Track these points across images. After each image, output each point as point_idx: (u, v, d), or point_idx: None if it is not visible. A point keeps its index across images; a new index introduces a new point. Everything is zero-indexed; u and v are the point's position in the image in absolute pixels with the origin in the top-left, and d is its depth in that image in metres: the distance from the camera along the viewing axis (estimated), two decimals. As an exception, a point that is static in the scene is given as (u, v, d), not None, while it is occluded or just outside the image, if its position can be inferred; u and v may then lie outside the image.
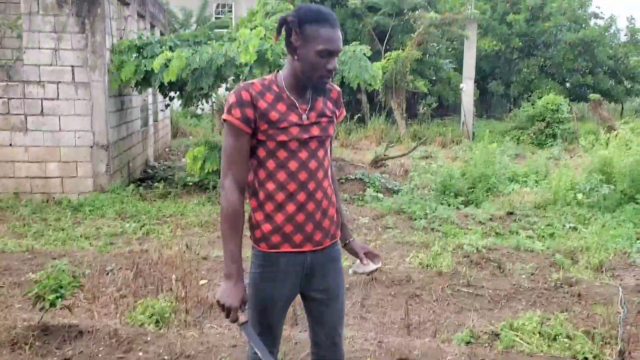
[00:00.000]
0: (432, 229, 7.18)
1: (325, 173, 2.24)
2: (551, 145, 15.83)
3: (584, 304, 4.78)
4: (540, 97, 18.44)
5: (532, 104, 18.20)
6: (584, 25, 24.73)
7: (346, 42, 20.30)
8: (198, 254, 5.68)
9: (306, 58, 2.10)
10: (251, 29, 8.41)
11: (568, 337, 4.09)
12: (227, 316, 2.12)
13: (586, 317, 4.54)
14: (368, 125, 18.61)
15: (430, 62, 21.52)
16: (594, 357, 3.83)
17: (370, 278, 5.05)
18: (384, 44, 20.22)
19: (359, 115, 18.67)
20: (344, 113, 2.44)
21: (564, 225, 7.42)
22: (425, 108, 20.81)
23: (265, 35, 7.95)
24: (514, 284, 5.11)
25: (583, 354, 3.85)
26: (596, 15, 25.62)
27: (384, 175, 10.31)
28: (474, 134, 18.14)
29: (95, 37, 8.38)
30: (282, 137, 2.14)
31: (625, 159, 8.38)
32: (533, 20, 23.70)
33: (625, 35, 26.06)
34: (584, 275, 5.47)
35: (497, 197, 9.10)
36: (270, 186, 2.17)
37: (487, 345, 3.94)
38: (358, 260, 2.45)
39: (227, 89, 9.01)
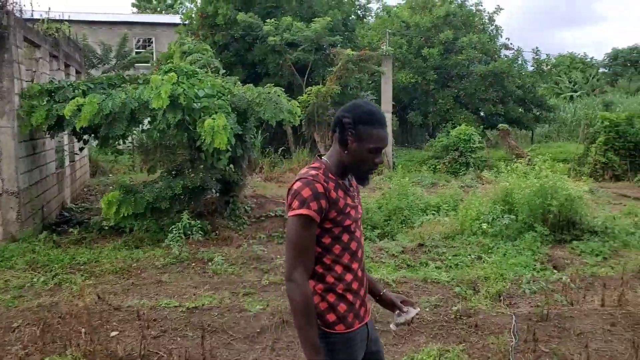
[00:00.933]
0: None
1: (363, 249, 2.44)
2: (464, 173, 16.66)
3: (480, 334, 5.13)
4: (455, 127, 19.42)
5: (447, 134, 19.12)
6: (494, 57, 26.35)
7: (267, 75, 20.80)
8: (110, 305, 5.66)
9: (357, 154, 2.30)
10: (165, 72, 8.51)
11: (463, 368, 4.40)
12: None
13: (482, 347, 4.88)
14: (293, 157, 18.93)
15: (352, 94, 22.18)
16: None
17: (283, 320, 5.21)
18: (305, 78, 20.72)
19: (283, 147, 18.95)
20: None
21: (470, 255, 7.87)
22: (348, 139, 21.33)
23: (178, 79, 8.07)
24: (417, 318, 5.40)
25: (474, 384, 4.17)
26: (506, 47, 27.40)
27: (303, 210, 10.54)
28: (394, 163, 18.82)
29: (2, 82, 8.21)
30: (347, 222, 2.31)
31: (523, 190, 9.01)
32: (447, 54, 25.05)
33: (532, 66, 27.98)
34: (483, 305, 5.84)
35: (411, 229, 9.51)
36: (338, 269, 2.31)
37: (386, 382, 4.16)
38: (396, 313, 2.59)
39: (143, 131, 8.99)
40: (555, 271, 7.17)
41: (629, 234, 9.27)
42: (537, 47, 29.99)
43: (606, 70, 43.02)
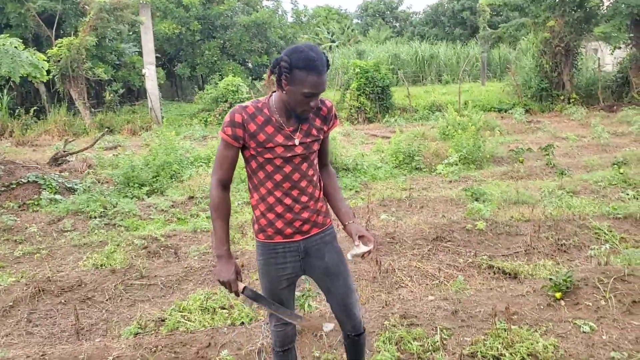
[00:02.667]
0: (114, 225, 7.18)
1: (309, 181, 2.64)
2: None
3: (246, 272, 5.42)
4: (222, 79, 19.53)
5: (215, 86, 19.17)
6: (256, 7, 26.82)
7: (9, 27, 18.36)
8: None
9: (292, 96, 2.43)
10: None
11: (230, 307, 4.64)
12: (230, 290, 2.56)
13: (247, 284, 5.16)
14: (49, 118, 17.24)
15: (111, 46, 20.81)
16: (250, 320, 4.43)
17: (39, 289, 4.89)
18: (54, 30, 18.78)
19: (36, 108, 17.12)
20: (337, 123, 2.79)
21: (239, 201, 8.18)
22: (111, 95, 20.13)
23: None
24: (186, 267, 5.52)
25: (241, 319, 4.44)
26: (266, -2, 28.04)
27: (63, 174, 9.78)
28: (163, 118, 18.32)
29: None
30: (268, 155, 2.53)
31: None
32: (209, 3, 24.74)
33: (291, 16, 29.18)
34: (250, 246, 6.16)
35: (181, 183, 9.49)
36: (262, 191, 2.61)
37: (153, 332, 4.22)
38: (354, 245, 2.66)
39: None
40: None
41: (376, 169, 10.51)
42: (295, -1, 31.32)
43: (359, 21, 46.83)
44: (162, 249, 6.13)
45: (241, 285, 2.59)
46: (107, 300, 4.88)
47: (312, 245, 2.72)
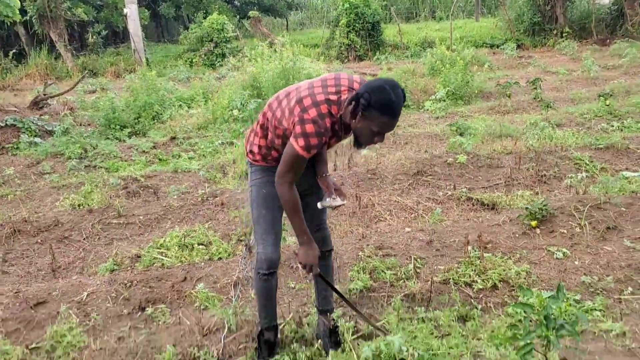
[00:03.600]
0: (94, 167, 7.10)
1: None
2: (220, 65, 16.64)
3: (226, 211, 5.41)
4: (206, 17, 18.97)
5: (199, 25, 18.66)
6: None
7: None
8: None
9: (361, 130, 2.47)
10: None
11: (209, 243, 4.64)
12: (309, 272, 2.76)
13: (227, 222, 5.16)
14: (30, 61, 16.83)
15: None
16: (228, 255, 4.44)
17: (15, 230, 4.86)
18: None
19: (14, 51, 16.69)
20: None
21: (221, 142, 8.09)
22: (94, 37, 19.62)
23: None
24: (165, 206, 5.48)
25: (218, 254, 4.44)
26: None
27: (43, 117, 9.61)
28: (147, 60, 17.93)
29: None
30: None
31: (267, 74, 9.37)
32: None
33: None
34: (230, 185, 6.13)
35: (163, 124, 9.36)
36: (274, 153, 2.76)
37: (129, 268, 4.23)
38: (328, 196, 2.80)
39: None
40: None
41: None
42: None
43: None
44: (141, 189, 6.09)
45: (318, 270, 2.78)
46: (84, 239, 4.86)
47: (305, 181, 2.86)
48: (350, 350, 2.82)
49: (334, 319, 3.08)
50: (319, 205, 2.84)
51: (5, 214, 5.32)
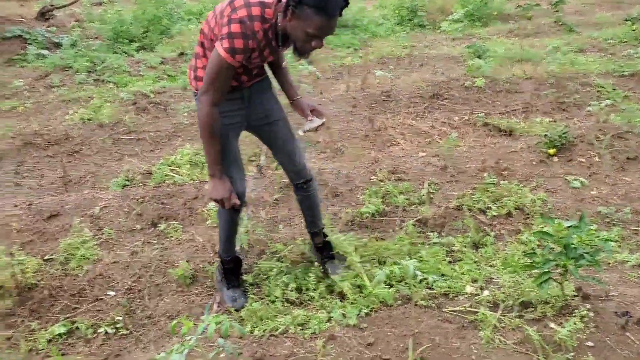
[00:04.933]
0: (102, 81, 6.96)
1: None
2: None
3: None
4: None
5: None
6: None
7: None
8: None
9: (295, 32, 2.22)
10: None
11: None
12: (224, 206, 2.50)
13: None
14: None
15: None
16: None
17: (26, 142, 4.83)
18: None
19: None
20: None
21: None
22: (99, -55, 18.77)
23: None
24: (175, 123, 5.41)
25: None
26: None
27: (50, 28, 9.35)
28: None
29: None
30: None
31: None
32: None
33: None
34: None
35: (171, 39, 9.10)
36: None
37: (141, 184, 4.21)
38: (306, 120, 2.63)
39: None
40: (308, 67, 7.53)
41: (377, 25, 10.03)
42: None
43: None
44: (151, 105, 5.99)
45: (237, 201, 2.52)
46: (95, 153, 4.83)
47: (253, 92, 2.62)
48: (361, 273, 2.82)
49: (324, 234, 3.04)
50: (300, 132, 2.68)
51: (16, 126, 5.26)
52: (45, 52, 8.06)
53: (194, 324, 2.19)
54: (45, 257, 3.23)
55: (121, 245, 3.39)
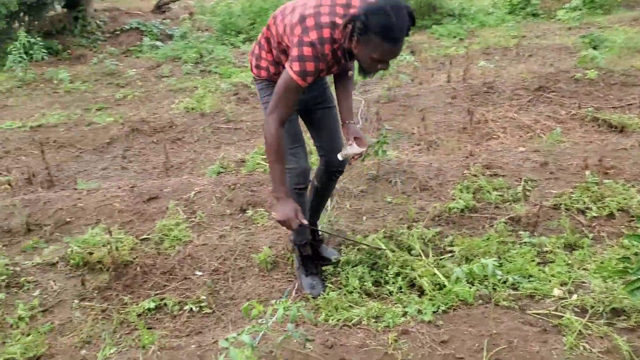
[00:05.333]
0: (209, 72, 7.28)
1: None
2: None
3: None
4: None
5: None
6: None
7: None
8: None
9: (361, 57, 2.24)
10: None
11: (310, 153, 4.64)
12: (290, 228, 2.51)
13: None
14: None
15: None
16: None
17: (134, 129, 5.16)
18: None
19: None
20: None
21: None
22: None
23: None
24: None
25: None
26: None
27: (165, 21, 9.93)
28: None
29: None
30: None
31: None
32: None
33: None
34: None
35: (277, 30, 9.30)
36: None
37: (234, 171, 4.35)
38: (346, 143, 2.65)
39: None
40: (411, 56, 7.39)
41: (486, 14, 9.64)
42: None
43: None
44: (251, 95, 6.17)
45: (303, 221, 2.52)
46: (195, 141, 5.06)
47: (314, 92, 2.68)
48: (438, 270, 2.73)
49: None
50: (339, 156, 2.65)
51: (126, 113, 5.64)
52: (158, 43, 8.57)
53: (264, 308, 2.23)
54: (142, 237, 3.44)
55: (211, 229, 3.53)
